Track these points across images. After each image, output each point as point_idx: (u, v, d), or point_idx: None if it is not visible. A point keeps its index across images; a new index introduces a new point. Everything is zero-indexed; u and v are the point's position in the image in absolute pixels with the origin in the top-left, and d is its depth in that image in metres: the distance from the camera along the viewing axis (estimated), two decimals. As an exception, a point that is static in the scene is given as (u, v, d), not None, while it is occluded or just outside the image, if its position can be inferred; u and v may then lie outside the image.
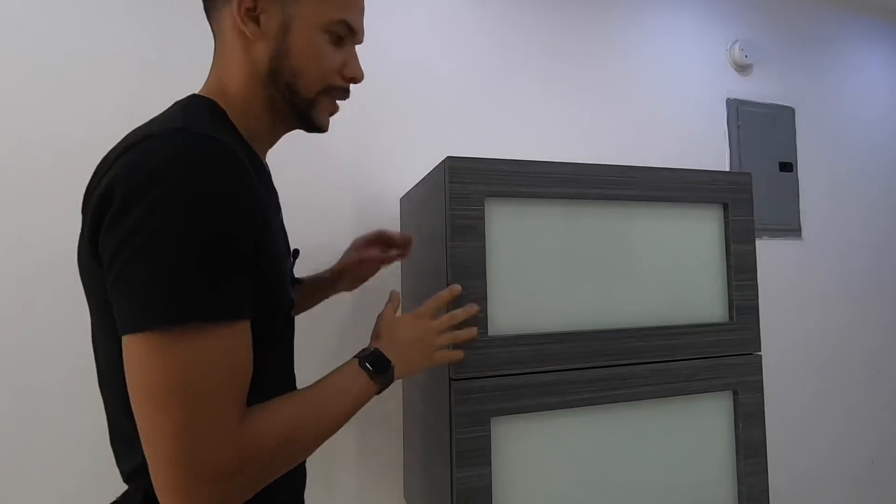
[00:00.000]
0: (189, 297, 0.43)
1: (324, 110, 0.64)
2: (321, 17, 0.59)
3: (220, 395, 0.45)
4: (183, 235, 0.43)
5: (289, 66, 0.59)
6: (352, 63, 0.63)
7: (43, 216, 1.01)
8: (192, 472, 0.43)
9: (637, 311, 0.89)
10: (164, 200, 0.44)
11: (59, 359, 0.99)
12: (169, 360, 0.43)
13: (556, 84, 1.43)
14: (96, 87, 1.05)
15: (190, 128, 0.49)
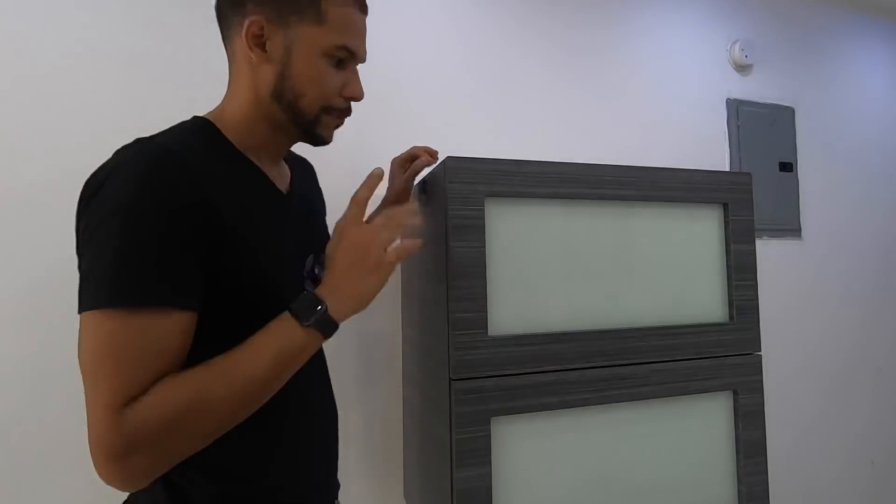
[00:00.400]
0: (102, 286, 0.49)
1: (326, 127, 0.68)
2: (322, 42, 0.63)
3: (116, 376, 0.49)
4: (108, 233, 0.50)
5: (291, 88, 0.64)
6: (352, 83, 0.68)
7: (43, 216, 1.01)
8: (95, 448, 0.48)
9: (637, 311, 0.89)
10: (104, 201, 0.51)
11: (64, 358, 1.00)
12: (86, 339, 0.50)
13: (555, 84, 1.43)
14: (96, 86, 1.05)
15: (153, 139, 0.57)
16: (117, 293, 0.49)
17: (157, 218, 0.51)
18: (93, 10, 1.05)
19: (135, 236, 0.50)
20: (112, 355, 0.49)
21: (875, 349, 1.82)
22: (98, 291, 0.50)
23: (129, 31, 1.08)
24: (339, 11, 0.64)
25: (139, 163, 0.53)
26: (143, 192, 0.51)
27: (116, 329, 0.49)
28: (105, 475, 0.49)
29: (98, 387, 0.49)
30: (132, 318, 0.50)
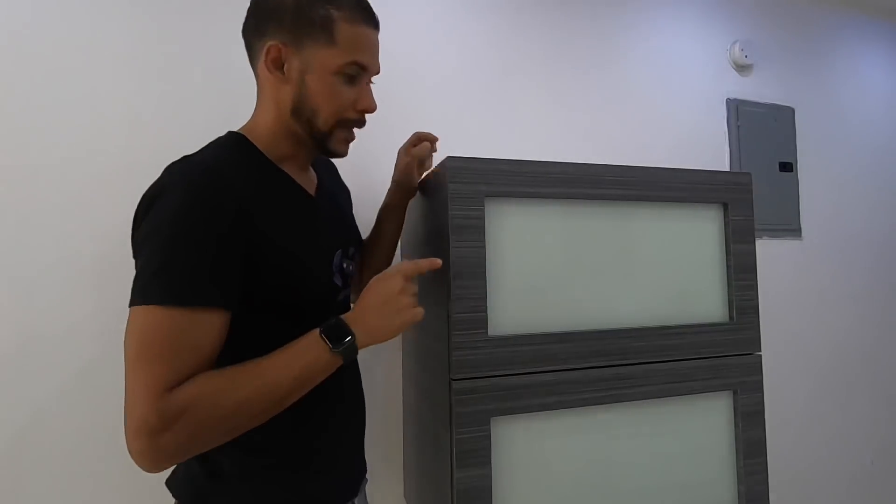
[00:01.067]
0: (153, 285, 0.57)
1: (339, 140, 0.75)
2: (334, 62, 0.70)
3: (156, 362, 0.55)
4: (159, 240, 0.59)
5: (308, 106, 0.71)
6: (364, 97, 0.74)
7: (44, 216, 1.00)
8: (131, 424, 0.55)
9: (637, 311, 0.89)
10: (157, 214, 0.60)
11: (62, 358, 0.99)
12: (133, 330, 0.57)
13: (556, 84, 1.43)
14: (97, 86, 1.05)
15: (192, 158, 0.66)
16: (167, 292, 0.57)
17: (201, 227, 0.59)
18: (93, 9, 1.05)
19: (182, 243, 0.58)
20: (157, 345, 0.56)
21: (874, 349, 1.82)
22: (148, 289, 0.57)
23: (131, 30, 1.08)
24: (349, 31, 0.70)
25: (184, 180, 0.62)
26: (190, 205, 0.59)
27: (162, 322, 0.56)
28: (136, 451, 0.55)
29: (141, 371, 0.55)
30: (178, 314, 0.57)
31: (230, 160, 0.68)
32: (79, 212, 1.02)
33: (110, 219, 1.03)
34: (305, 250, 0.72)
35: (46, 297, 0.99)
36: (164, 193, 0.61)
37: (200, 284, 0.58)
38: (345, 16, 0.69)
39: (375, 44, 0.74)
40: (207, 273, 0.59)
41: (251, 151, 0.72)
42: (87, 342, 1.01)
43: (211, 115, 1.11)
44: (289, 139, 0.74)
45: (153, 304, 0.56)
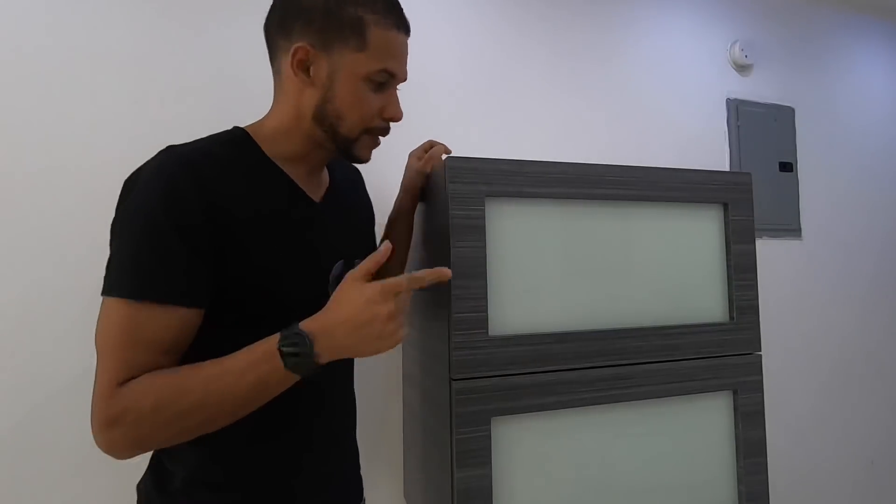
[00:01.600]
0: (120, 278, 0.57)
1: (364, 146, 0.73)
2: (363, 68, 0.67)
3: (113, 357, 0.56)
4: (128, 231, 0.59)
5: (333, 111, 0.68)
6: (391, 105, 0.72)
7: (42, 215, 1.01)
8: (92, 416, 0.55)
9: (637, 311, 0.89)
10: (130, 204, 0.60)
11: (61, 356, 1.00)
12: (98, 321, 0.58)
13: (556, 84, 1.43)
14: (96, 86, 1.05)
15: (177, 148, 0.63)
16: (127, 285, 0.56)
17: (168, 225, 0.58)
18: (93, 8, 1.05)
19: (149, 239, 0.57)
20: (117, 338, 0.56)
21: (875, 349, 1.82)
22: (115, 281, 0.57)
23: (131, 30, 1.08)
24: (381, 36, 0.67)
25: (161, 173, 0.60)
26: (160, 201, 0.58)
27: (124, 316, 0.56)
28: (96, 441, 0.56)
29: (101, 363, 0.56)
30: (136, 308, 0.56)
31: (219, 155, 0.65)
32: (79, 212, 1.02)
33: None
34: (294, 258, 0.68)
35: (45, 301, 0.99)
36: (140, 182, 0.60)
37: (162, 279, 0.57)
38: (377, 20, 0.67)
39: (405, 50, 0.71)
40: (170, 268, 0.57)
41: (250, 149, 0.69)
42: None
43: (211, 116, 1.12)
44: (302, 141, 0.71)
45: (115, 296, 0.57)
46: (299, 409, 0.69)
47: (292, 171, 0.72)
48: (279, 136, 0.70)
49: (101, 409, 0.54)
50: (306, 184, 0.73)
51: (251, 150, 0.69)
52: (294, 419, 0.69)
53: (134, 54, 1.07)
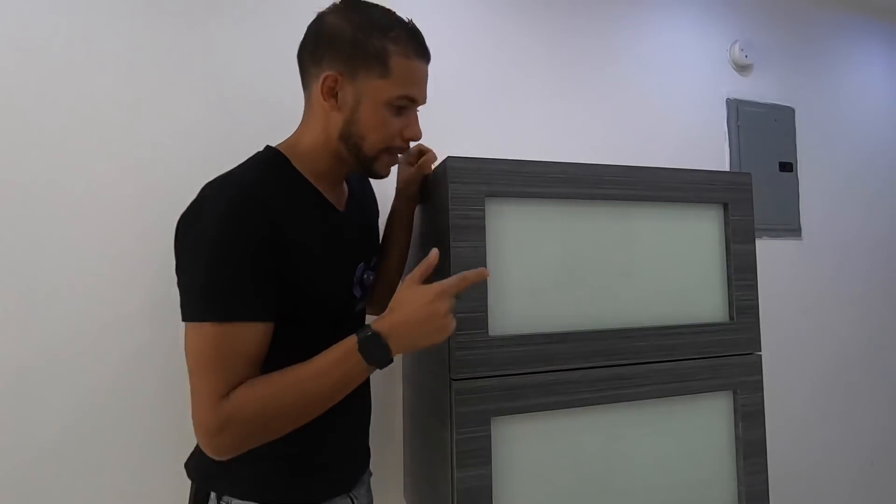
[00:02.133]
0: (200, 303, 0.64)
1: (383, 164, 0.79)
2: (386, 94, 0.73)
3: (210, 373, 0.63)
4: (202, 260, 0.64)
5: (357, 133, 0.74)
6: (411, 126, 0.77)
7: (41, 215, 1.01)
8: (196, 425, 0.63)
9: (637, 311, 0.89)
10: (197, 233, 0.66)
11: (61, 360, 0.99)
12: (189, 345, 0.65)
13: (556, 84, 1.43)
14: (96, 85, 1.05)
15: (229, 178, 0.70)
16: (215, 309, 0.63)
17: (238, 247, 0.65)
18: (94, 8, 1.05)
19: (223, 262, 0.64)
20: (212, 357, 0.63)
21: (875, 349, 1.82)
22: (198, 307, 0.64)
23: (131, 29, 1.08)
24: (403, 65, 0.73)
25: (221, 201, 0.67)
26: (227, 227, 0.65)
27: (214, 337, 0.63)
28: (203, 447, 0.64)
29: (199, 381, 0.63)
30: (226, 328, 0.64)
31: (264, 178, 0.72)
32: (78, 211, 1.02)
33: (111, 218, 1.03)
34: (329, 264, 0.76)
35: (53, 303, 0.99)
36: (203, 214, 0.66)
37: (243, 300, 0.65)
38: (399, 50, 0.73)
39: (425, 76, 0.78)
40: (248, 289, 0.65)
41: (286, 168, 0.76)
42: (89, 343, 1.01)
43: (211, 115, 1.12)
44: (330, 159, 0.78)
45: (203, 320, 0.64)
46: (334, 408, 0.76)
47: (321, 186, 0.78)
48: (309, 155, 0.77)
49: (208, 419, 0.62)
50: (332, 195, 0.81)
51: (288, 170, 0.76)
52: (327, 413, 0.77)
53: (135, 54, 1.07)
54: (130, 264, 1.03)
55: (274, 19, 1.18)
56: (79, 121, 1.03)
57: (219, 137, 1.10)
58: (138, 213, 1.04)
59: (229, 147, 0.83)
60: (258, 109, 1.14)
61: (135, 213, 1.03)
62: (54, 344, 0.99)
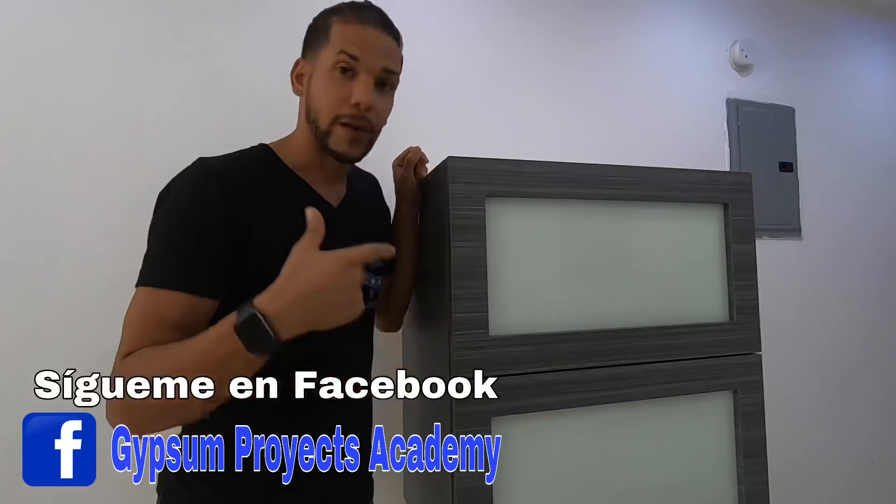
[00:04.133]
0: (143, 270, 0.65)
1: (338, 139, 0.75)
2: (328, 59, 0.73)
3: (126, 335, 0.62)
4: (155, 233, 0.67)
5: (312, 107, 0.75)
6: (357, 91, 0.73)
7: (40, 212, 1.01)
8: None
9: (637, 311, 0.89)
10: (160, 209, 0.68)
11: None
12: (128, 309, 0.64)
13: (556, 84, 1.43)
14: (96, 83, 1.05)
15: (209, 159, 0.71)
16: (144, 276, 0.64)
17: (187, 219, 0.65)
18: (93, 9, 1.05)
19: (169, 233, 0.65)
20: (133, 319, 0.63)
21: (875, 349, 1.82)
22: (142, 274, 0.65)
23: (130, 27, 1.08)
24: (341, 28, 0.74)
25: (187, 179, 0.69)
26: (182, 201, 0.66)
27: (140, 301, 0.63)
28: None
29: (121, 340, 0.62)
30: (148, 293, 0.63)
31: (242, 163, 0.73)
32: (78, 211, 1.02)
33: (111, 218, 1.03)
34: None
35: (53, 303, 0.99)
36: (170, 189, 0.69)
37: (174, 269, 0.64)
38: (340, 18, 0.74)
39: (372, 40, 0.74)
40: (185, 260, 0.64)
41: (270, 159, 0.76)
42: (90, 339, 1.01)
43: (211, 116, 1.12)
44: (309, 148, 0.78)
45: (140, 286, 0.64)
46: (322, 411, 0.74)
47: (310, 179, 0.78)
48: (297, 148, 0.78)
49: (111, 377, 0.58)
50: (325, 191, 0.80)
51: (272, 161, 0.76)
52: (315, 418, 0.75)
53: (135, 54, 1.07)
54: (130, 264, 1.03)
55: (275, 19, 1.18)
56: (79, 120, 1.03)
57: (220, 137, 1.10)
58: (138, 214, 1.04)
59: (231, 147, 0.83)
60: (259, 109, 1.14)
61: (135, 213, 1.04)
62: (54, 343, 0.99)
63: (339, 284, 0.56)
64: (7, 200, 0.99)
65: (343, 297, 0.57)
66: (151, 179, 0.76)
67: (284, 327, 0.55)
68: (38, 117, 1.01)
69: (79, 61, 1.04)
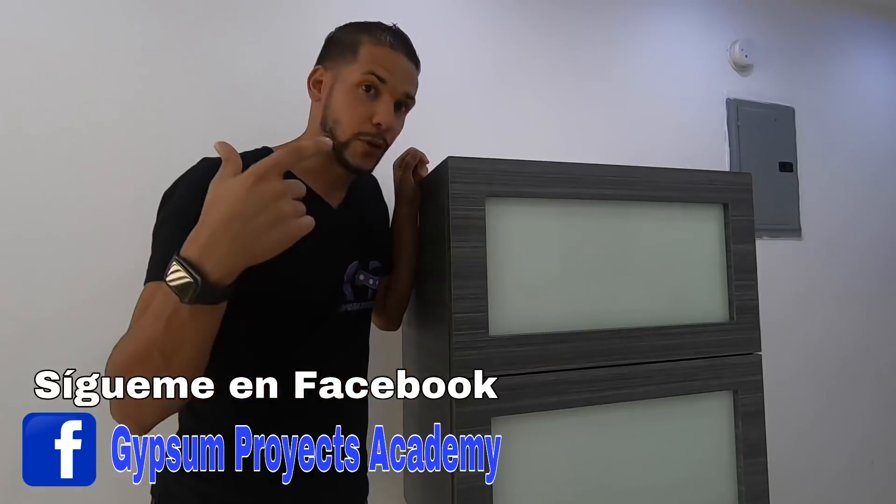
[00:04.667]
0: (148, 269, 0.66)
1: (356, 153, 0.78)
2: (354, 76, 0.76)
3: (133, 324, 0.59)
4: (158, 229, 0.68)
5: (332, 117, 0.78)
6: (380, 112, 0.76)
7: (40, 212, 1.01)
8: None
9: (637, 311, 0.89)
10: (164, 207, 0.70)
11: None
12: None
13: (556, 84, 1.43)
14: (96, 81, 1.05)
15: (211, 159, 0.71)
16: (154, 271, 0.65)
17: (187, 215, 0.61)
18: (93, 9, 1.05)
19: (173, 234, 0.64)
20: (137, 311, 0.62)
21: (875, 349, 1.82)
22: (148, 270, 0.66)
23: (130, 25, 1.08)
24: (371, 50, 0.77)
25: (189, 178, 0.70)
26: (186, 202, 0.66)
27: (144, 295, 0.63)
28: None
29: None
30: (150, 287, 0.63)
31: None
32: (79, 211, 1.02)
33: (111, 218, 1.03)
34: (309, 256, 0.74)
35: (46, 298, 0.99)
36: (175, 188, 0.71)
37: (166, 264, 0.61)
38: (371, 39, 0.77)
39: (398, 65, 0.78)
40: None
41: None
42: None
43: (212, 116, 1.12)
44: (322, 156, 0.77)
45: (146, 282, 0.65)
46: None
47: (313, 183, 0.78)
48: None
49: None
50: (326, 192, 0.81)
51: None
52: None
53: (136, 53, 1.07)
54: (131, 264, 1.03)
55: (277, 20, 1.18)
56: (79, 120, 1.03)
57: (222, 139, 1.10)
58: (139, 213, 1.04)
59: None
60: (261, 111, 1.14)
61: (136, 212, 1.04)
62: (54, 343, 0.99)
63: (255, 203, 0.49)
64: (7, 200, 0.99)
65: (265, 216, 0.49)
66: (152, 179, 0.76)
67: (211, 266, 0.49)
68: (37, 117, 1.01)
69: (79, 61, 1.04)
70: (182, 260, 0.49)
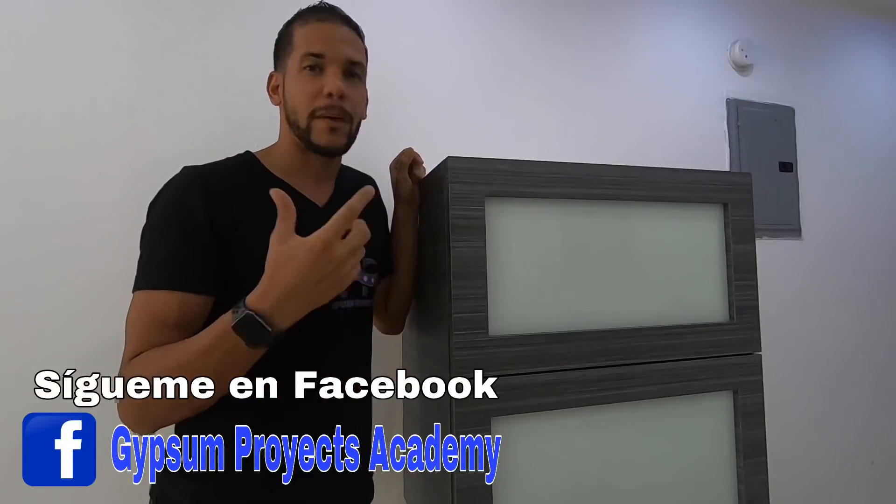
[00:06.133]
0: (138, 276, 0.68)
1: (318, 132, 0.77)
2: (296, 63, 0.77)
3: (129, 338, 0.66)
4: (144, 238, 0.70)
5: (290, 109, 0.78)
6: (327, 82, 0.76)
7: (40, 212, 1.01)
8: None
9: (637, 311, 0.89)
10: (149, 216, 0.72)
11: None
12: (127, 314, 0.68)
13: (556, 84, 1.43)
14: (91, 80, 1.05)
15: (194, 167, 0.74)
16: (141, 280, 0.67)
17: (172, 221, 0.68)
18: (93, 7, 1.05)
19: (157, 237, 0.69)
20: (133, 323, 0.66)
21: (874, 349, 1.82)
22: (137, 279, 0.68)
23: (129, 24, 1.08)
24: (301, 31, 0.77)
25: (171, 186, 0.72)
26: (168, 211, 0.69)
27: (137, 304, 0.66)
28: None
29: (125, 344, 0.65)
30: (143, 295, 0.66)
31: (226, 167, 0.76)
32: (78, 211, 1.02)
33: (110, 218, 1.03)
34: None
35: (46, 298, 0.99)
36: (158, 197, 0.72)
37: (165, 270, 0.67)
38: (300, 22, 0.78)
39: (332, 34, 0.77)
40: (173, 260, 0.67)
41: (253, 165, 0.79)
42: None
43: (209, 115, 1.12)
44: (293, 151, 0.80)
45: (134, 291, 0.67)
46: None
47: (296, 182, 0.80)
48: (281, 154, 0.81)
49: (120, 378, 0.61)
50: (310, 191, 0.81)
51: (255, 166, 0.79)
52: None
53: (136, 54, 1.07)
54: (130, 264, 1.04)
55: (276, 20, 1.18)
56: (77, 120, 1.03)
57: (220, 139, 1.10)
58: (138, 214, 1.04)
59: (229, 148, 0.83)
60: (262, 111, 1.14)
61: (135, 213, 1.04)
62: (54, 343, 0.99)
63: (323, 269, 0.57)
64: (7, 200, 0.99)
65: (331, 279, 0.58)
66: (152, 180, 0.76)
67: (281, 319, 0.58)
68: (37, 117, 1.01)
69: (76, 61, 1.04)
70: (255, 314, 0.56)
